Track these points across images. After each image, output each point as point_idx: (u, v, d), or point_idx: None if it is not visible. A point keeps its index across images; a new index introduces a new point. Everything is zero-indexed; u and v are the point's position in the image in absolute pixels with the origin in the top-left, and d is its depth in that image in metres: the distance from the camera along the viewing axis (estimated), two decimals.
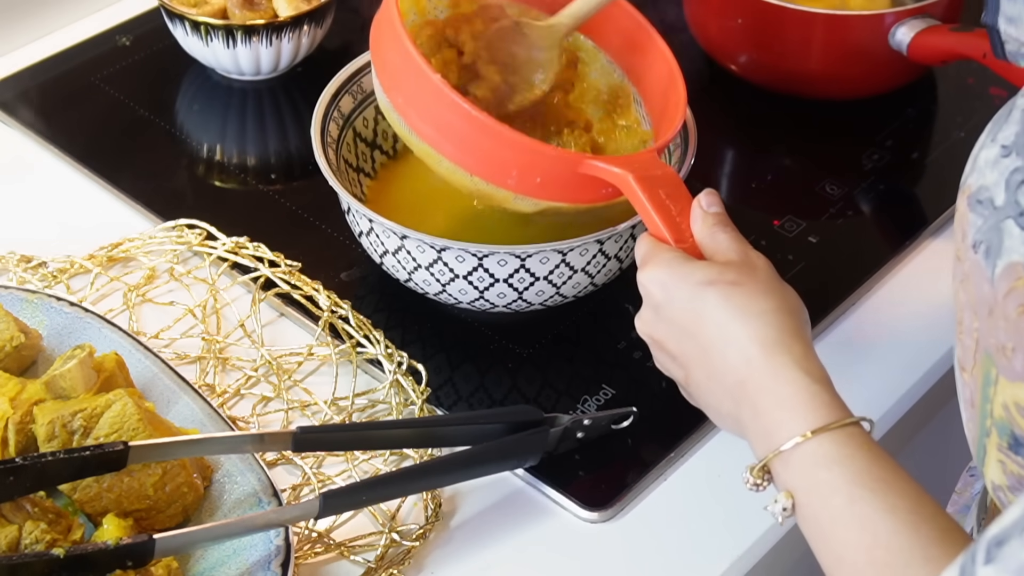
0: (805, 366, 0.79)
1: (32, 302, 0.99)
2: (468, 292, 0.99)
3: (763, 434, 0.78)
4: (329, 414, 0.99)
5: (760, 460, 0.78)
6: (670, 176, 0.92)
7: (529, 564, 0.91)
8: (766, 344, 0.79)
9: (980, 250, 0.68)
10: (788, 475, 0.76)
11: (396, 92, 0.97)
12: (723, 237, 0.86)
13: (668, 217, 0.88)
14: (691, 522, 0.94)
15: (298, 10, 1.22)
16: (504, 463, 0.93)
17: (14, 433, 0.87)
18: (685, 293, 0.83)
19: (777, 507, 0.76)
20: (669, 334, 0.85)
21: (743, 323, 0.80)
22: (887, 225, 1.19)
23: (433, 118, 0.95)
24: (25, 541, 0.81)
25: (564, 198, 0.96)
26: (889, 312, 1.09)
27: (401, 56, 0.95)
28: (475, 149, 0.94)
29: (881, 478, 0.73)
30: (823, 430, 0.75)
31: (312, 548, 0.90)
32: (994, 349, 0.68)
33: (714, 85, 1.30)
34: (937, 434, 1.22)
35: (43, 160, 1.20)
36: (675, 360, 0.85)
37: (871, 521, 0.72)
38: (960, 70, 1.30)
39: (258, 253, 1.08)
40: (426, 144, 0.96)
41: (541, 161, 0.94)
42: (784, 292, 0.83)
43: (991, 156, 0.69)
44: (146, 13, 1.34)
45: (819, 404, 0.77)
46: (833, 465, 0.74)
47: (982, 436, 0.72)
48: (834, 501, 0.74)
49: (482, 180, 0.95)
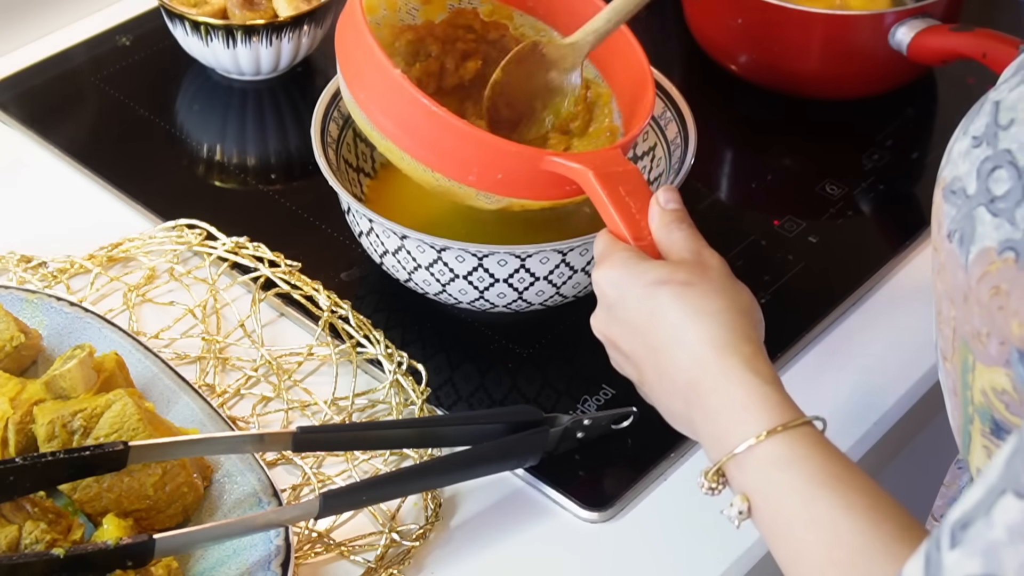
0: (755, 366, 0.78)
1: (32, 302, 0.99)
2: (468, 292, 0.99)
3: (716, 437, 0.78)
4: (329, 414, 0.99)
5: (714, 464, 0.77)
6: (632, 173, 0.91)
7: (529, 564, 0.91)
8: (716, 345, 0.79)
9: (955, 239, 0.68)
10: (743, 477, 0.76)
11: (359, 87, 0.97)
12: (679, 235, 0.85)
13: (627, 214, 0.88)
14: (691, 522, 0.94)
15: (298, 10, 1.22)
16: (504, 463, 0.93)
17: (14, 433, 0.87)
18: (637, 292, 0.82)
19: (733, 510, 0.76)
20: (622, 334, 0.84)
21: (694, 323, 0.80)
22: (887, 225, 1.19)
23: (394, 114, 0.95)
24: (25, 541, 0.81)
25: (527, 195, 0.95)
26: (889, 312, 1.09)
27: (363, 51, 0.95)
28: (435, 145, 0.94)
29: (837, 476, 0.73)
30: (776, 431, 0.75)
31: (312, 548, 0.90)
32: (970, 336, 0.68)
33: (714, 85, 1.30)
34: (937, 434, 1.22)
35: (43, 160, 1.20)
36: (628, 359, 0.85)
37: (830, 520, 0.71)
38: (960, 70, 1.30)
39: (258, 253, 1.08)
40: (388, 140, 0.96)
41: (501, 157, 0.93)
42: (736, 291, 0.82)
43: (963, 147, 0.70)
44: (146, 13, 1.34)
45: (771, 405, 0.76)
46: (788, 466, 0.74)
47: (966, 424, 0.72)
48: (791, 501, 0.73)
49: (444, 177, 0.95)
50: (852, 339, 1.07)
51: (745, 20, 1.24)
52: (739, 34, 1.25)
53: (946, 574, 0.57)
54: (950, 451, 0.95)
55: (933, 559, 0.58)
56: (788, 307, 1.08)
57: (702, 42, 1.30)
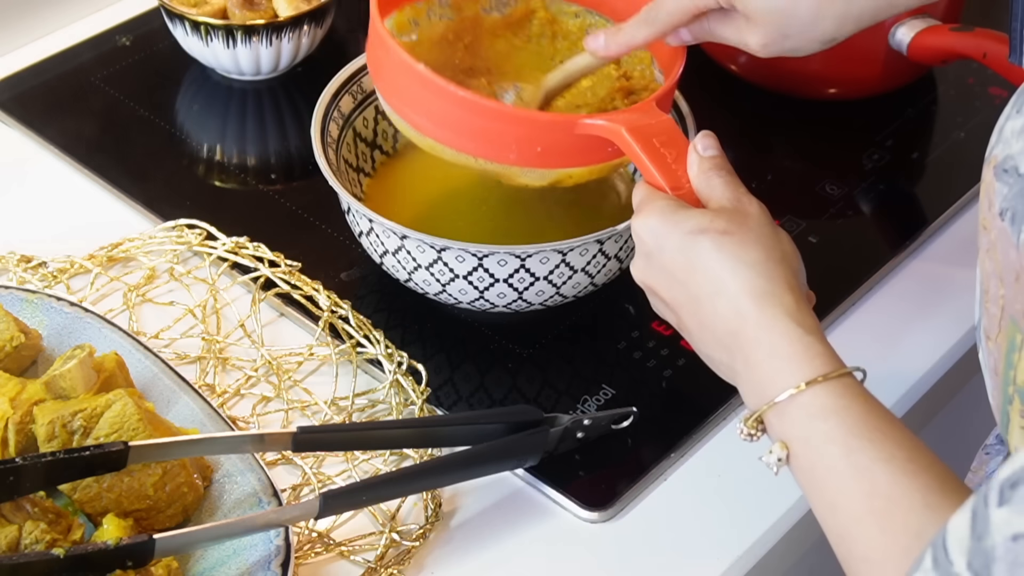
0: (797, 317, 0.78)
1: (32, 302, 0.99)
2: (468, 292, 0.99)
3: (757, 385, 0.78)
4: (329, 414, 0.99)
5: (754, 411, 0.78)
6: (665, 123, 0.91)
7: (529, 564, 0.91)
8: (757, 295, 0.79)
9: (1007, 217, 0.69)
10: (783, 426, 0.76)
11: (392, 94, 0.98)
12: (718, 182, 0.85)
13: (663, 164, 0.88)
14: (691, 522, 0.94)
15: (298, 10, 1.22)
16: (504, 463, 0.93)
17: (14, 433, 0.87)
18: (676, 242, 0.82)
19: (772, 457, 0.76)
20: (661, 282, 0.84)
21: (733, 273, 0.80)
22: (887, 225, 1.19)
23: (426, 109, 0.95)
24: (25, 541, 0.81)
25: (569, 163, 0.95)
26: (889, 312, 1.09)
27: (387, 55, 0.96)
28: (470, 130, 0.94)
29: (877, 427, 0.74)
30: (818, 381, 0.75)
31: (312, 548, 0.90)
32: (1019, 314, 0.68)
33: (714, 85, 1.30)
34: (937, 434, 1.22)
35: (43, 160, 1.20)
36: (668, 306, 0.85)
37: (868, 470, 0.72)
38: (960, 70, 1.30)
39: (258, 253, 1.08)
40: (427, 137, 0.96)
41: (536, 130, 0.94)
42: (777, 239, 0.83)
43: (1017, 126, 0.70)
44: (146, 13, 1.34)
45: (813, 355, 0.77)
46: (829, 415, 0.75)
47: (1005, 403, 0.72)
48: (830, 451, 0.74)
49: (486, 160, 0.95)
50: (852, 339, 1.07)
51: None
52: None
53: (993, 530, 0.57)
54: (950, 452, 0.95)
55: (980, 515, 0.58)
56: None
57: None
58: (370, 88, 1.10)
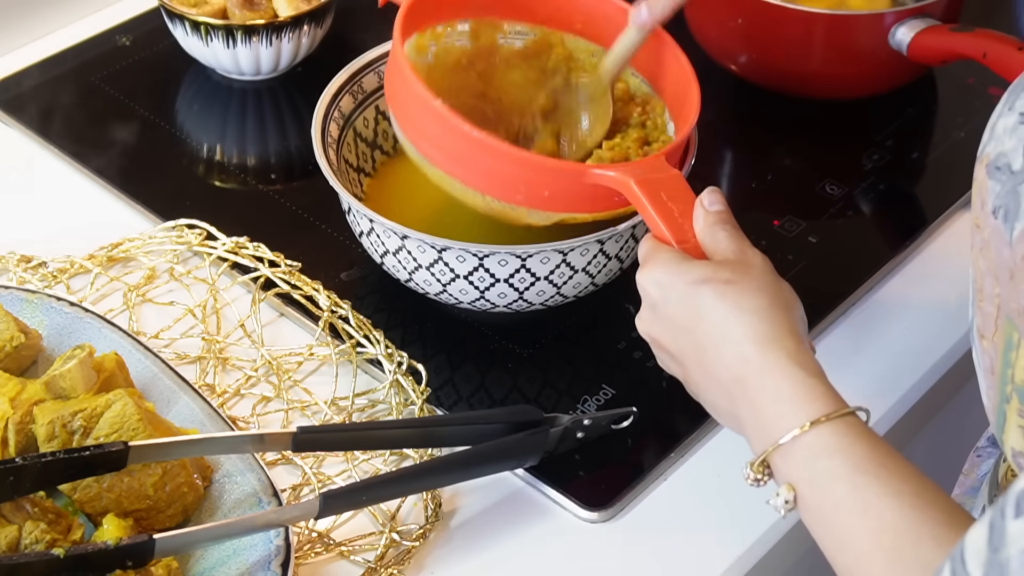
0: (799, 360, 0.79)
1: (32, 302, 0.99)
2: (469, 292, 0.99)
3: (761, 429, 0.79)
4: (329, 414, 0.99)
5: (759, 455, 0.79)
6: (674, 178, 0.92)
7: (529, 564, 0.91)
8: (760, 340, 0.80)
9: (1000, 215, 0.69)
10: (788, 468, 0.77)
11: (407, 123, 0.99)
12: (723, 235, 0.86)
13: (670, 218, 0.89)
14: (691, 522, 0.94)
15: (298, 10, 1.22)
16: (504, 463, 0.93)
17: (14, 433, 0.87)
18: (680, 292, 0.84)
19: (779, 500, 0.77)
20: (666, 332, 0.85)
21: (737, 320, 0.81)
22: (887, 225, 1.19)
23: (439, 143, 0.97)
24: (25, 541, 0.81)
25: (575, 209, 0.96)
26: (889, 312, 1.09)
27: (406, 87, 0.97)
28: (481, 169, 0.95)
29: (882, 464, 0.74)
30: (821, 421, 0.76)
31: (312, 548, 0.90)
32: (1016, 313, 0.68)
33: (714, 85, 1.29)
34: (937, 434, 1.22)
35: (43, 160, 1.20)
36: (674, 358, 0.86)
37: (875, 506, 0.72)
38: (960, 70, 1.30)
39: (258, 253, 1.08)
40: (439, 169, 0.97)
41: (545, 175, 0.95)
42: (779, 288, 0.84)
43: (1009, 124, 0.70)
44: (146, 13, 1.34)
45: (816, 396, 0.77)
46: (834, 454, 0.75)
47: (1002, 403, 0.72)
48: (837, 489, 0.74)
49: (494, 199, 0.96)
50: (851, 339, 1.07)
51: (745, 20, 1.24)
52: (739, 34, 1.25)
53: (1010, 543, 0.57)
54: (950, 451, 0.95)
55: (997, 527, 0.58)
56: None
57: (702, 42, 1.30)
58: (370, 88, 1.10)
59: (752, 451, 0.80)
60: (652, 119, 1.07)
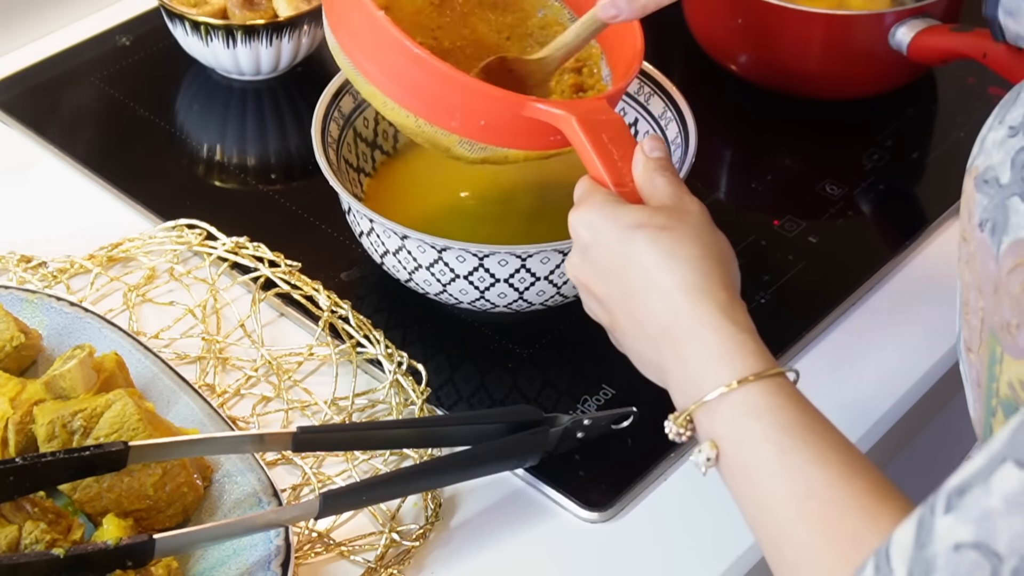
0: (730, 314, 0.77)
1: (32, 302, 0.99)
2: (469, 292, 0.99)
3: (687, 383, 0.77)
4: (329, 414, 0.99)
5: (683, 410, 0.77)
6: (616, 122, 0.90)
7: (529, 564, 0.91)
8: (691, 291, 0.78)
9: (986, 228, 0.68)
10: (714, 424, 0.75)
11: (343, 32, 0.96)
12: (661, 181, 0.84)
13: (609, 160, 0.87)
14: (691, 522, 0.94)
15: (298, 10, 1.22)
16: (504, 463, 0.93)
17: (14, 433, 0.87)
18: (613, 236, 0.81)
19: (701, 457, 0.75)
20: (595, 276, 0.83)
21: (668, 268, 0.79)
22: (887, 225, 1.19)
23: (378, 58, 0.93)
24: (25, 541, 0.81)
25: (509, 143, 0.94)
26: (889, 312, 1.09)
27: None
28: (418, 90, 0.92)
29: (811, 429, 0.72)
30: (750, 380, 0.74)
31: (312, 548, 0.90)
32: (999, 327, 0.68)
33: (714, 85, 1.30)
34: (938, 433, 1.22)
35: (43, 160, 1.20)
36: (601, 304, 0.84)
37: (803, 472, 0.71)
38: (960, 70, 1.30)
39: (258, 253, 1.08)
40: (372, 85, 0.95)
41: (485, 102, 0.92)
42: (715, 239, 0.81)
43: (998, 137, 0.69)
44: (146, 13, 1.34)
45: (746, 353, 0.75)
46: (763, 415, 0.73)
47: (988, 416, 0.72)
48: (763, 451, 0.72)
49: (426, 122, 0.93)
50: (851, 340, 1.07)
51: (745, 20, 1.24)
52: (739, 34, 1.25)
53: (936, 539, 0.56)
54: (954, 447, 0.95)
55: (926, 523, 0.57)
56: (788, 307, 1.08)
57: (702, 42, 1.30)
58: None
59: (675, 404, 0.78)
60: (588, 67, 1.04)
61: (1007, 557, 0.54)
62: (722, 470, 0.75)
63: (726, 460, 0.74)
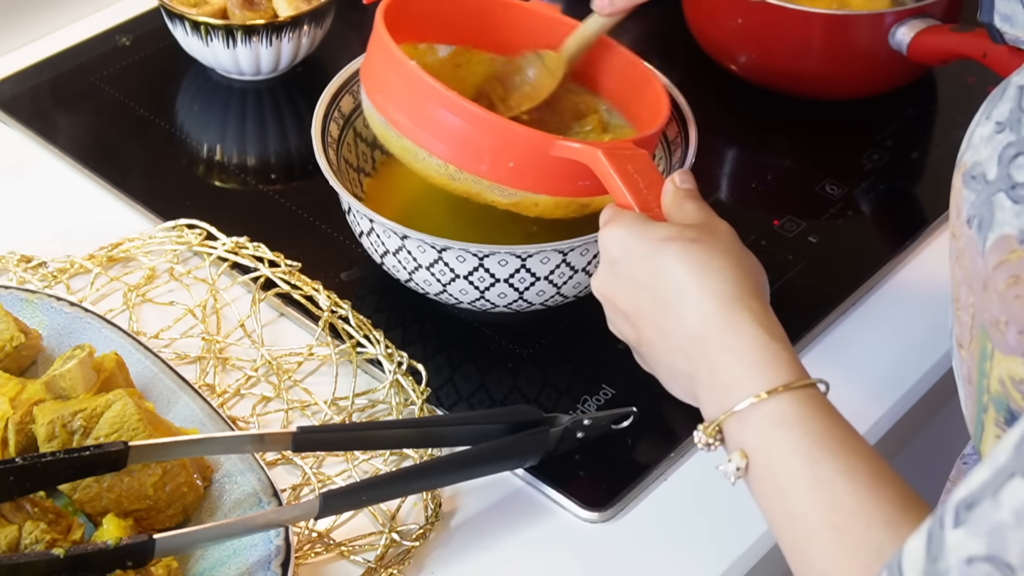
0: (764, 323, 0.77)
1: (32, 302, 0.99)
2: (469, 292, 0.99)
3: (719, 391, 0.77)
4: (329, 414, 0.99)
5: (714, 419, 0.77)
6: (642, 156, 0.92)
7: (529, 564, 0.91)
8: (724, 300, 0.78)
9: (974, 224, 0.68)
10: (744, 434, 0.75)
11: (377, 90, 0.99)
12: (690, 206, 0.84)
13: (635, 187, 0.88)
14: (691, 522, 0.94)
15: (298, 10, 1.22)
16: (504, 463, 0.93)
17: (14, 433, 0.87)
18: (643, 249, 0.81)
19: (731, 467, 0.75)
20: (624, 291, 0.83)
21: (700, 279, 0.79)
22: (887, 225, 1.19)
23: (408, 105, 0.96)
24: (25, 541, 0.81)
25: (538, 188, 0.96)
26: (889, 312, 1.09)
27: (381, 52, 0.97)
28: (447, 133, 0.95)
29: (841, 440, 0.73)
30: (780, 390, 0.74)
31: (312, 548, 0.90)
32: (988, 324, 0.68)
33: (714, 85, 1.30)
34: (940, 431, 1.22)
35: (43, 160, 1.20)
36: (627, 318, 0.84)
37: (831, 483, 0.71)
38: (960, 70, 1.30)
39: (258, 253, 1.08)
40: (404, 138, 0.97)
41: (512, 142, 0.94)
42: (745, 254, 0.82)
43: (985, 133, 0.69)
44: (146, 13, 1.34)
45: (779, 362, 0.75)
46: (793, 425, 0.73)
47: (979, 412, 0.72)
48: (792, 461, 0.73)
49: (455, 168, 0.95)
50: (852, 339, 1.07)
51: (745, 20, 1.24)
52: (739, 34, 1.25)
53: (948, 553, 0.56)
54: (953, 447, 0.95)
55: (936, 537, 0.57)
56: (788, 307, 1.06)
57: (702, 42, 1.30)
58: None
59: (704, 414, 0.78)
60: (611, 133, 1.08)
61: (1020, 568, 0.54)
62: (750, 480, 0.76)
63: (755, 470, 0.75)
